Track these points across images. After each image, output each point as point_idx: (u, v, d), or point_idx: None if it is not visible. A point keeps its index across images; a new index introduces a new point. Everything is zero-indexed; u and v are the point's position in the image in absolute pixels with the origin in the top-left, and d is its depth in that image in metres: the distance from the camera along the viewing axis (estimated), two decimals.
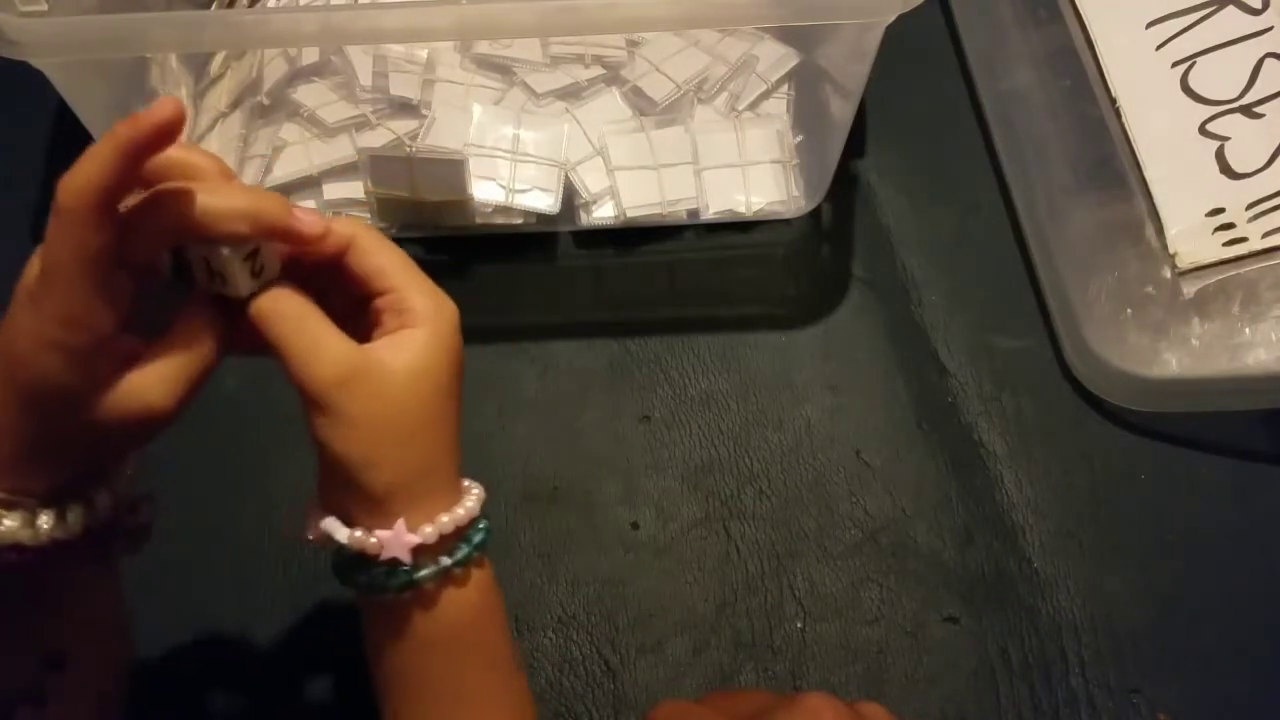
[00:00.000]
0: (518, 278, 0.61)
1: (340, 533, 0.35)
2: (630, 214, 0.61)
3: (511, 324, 0.60)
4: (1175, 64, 0.56)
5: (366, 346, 0.35)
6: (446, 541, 0.36)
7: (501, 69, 0.63)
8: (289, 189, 0.61)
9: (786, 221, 0.64)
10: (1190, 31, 0.56)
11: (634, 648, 0.52)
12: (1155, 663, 0.52)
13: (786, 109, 0.65)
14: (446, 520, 0.35)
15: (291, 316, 0.34)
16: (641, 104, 0.63)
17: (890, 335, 0.60)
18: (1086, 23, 0.58)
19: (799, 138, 0.64)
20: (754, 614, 0.53)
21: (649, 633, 0.52)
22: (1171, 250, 0.58)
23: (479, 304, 0.60)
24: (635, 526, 0.55)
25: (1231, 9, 0.56)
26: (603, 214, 0.62)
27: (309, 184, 0.61)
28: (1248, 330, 0.58)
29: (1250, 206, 0.58)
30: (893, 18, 0.49)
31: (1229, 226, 0.58)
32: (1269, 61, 0.56)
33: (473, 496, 0.37)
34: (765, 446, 0.57)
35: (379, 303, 0.36)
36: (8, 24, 0.45)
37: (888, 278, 0.62)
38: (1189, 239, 0.58)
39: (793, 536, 0.55)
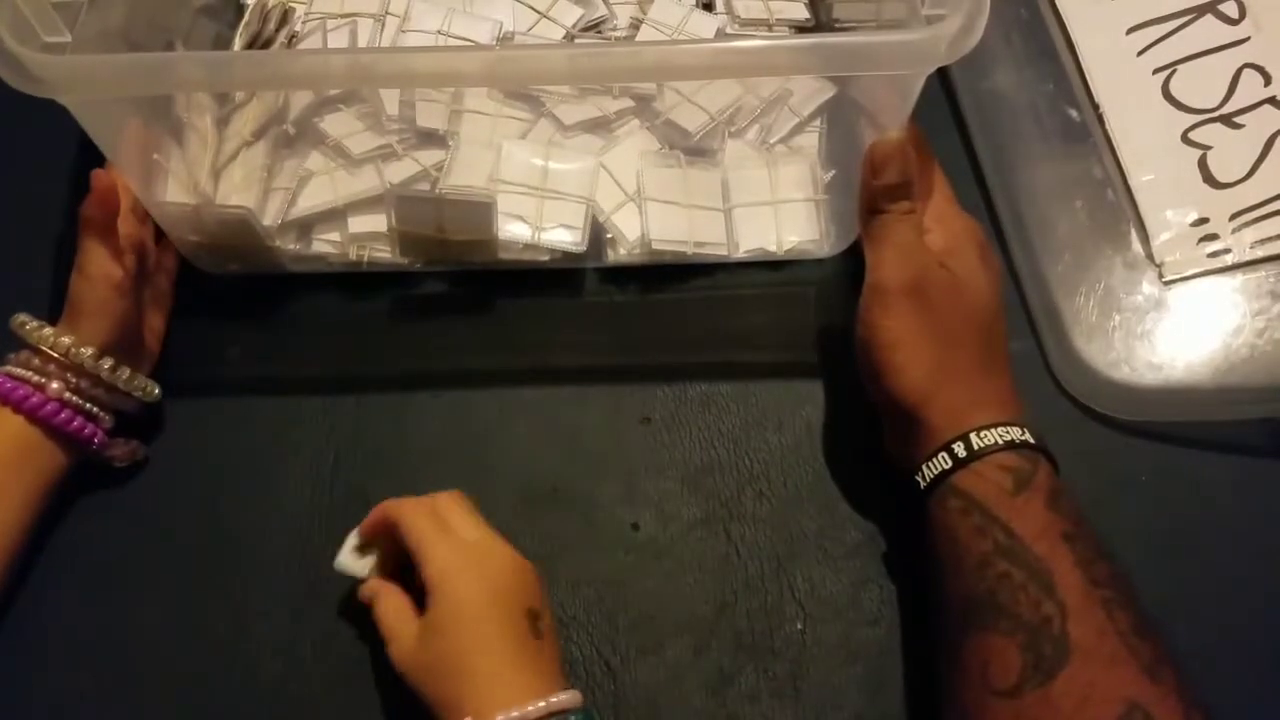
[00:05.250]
0: (542, 313, 0.61)
1: None
2: (657, 248, 0.60)
3: (531, 364, 0.60)
4: (1156, 70, 0.58)
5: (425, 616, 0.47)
6: None
7: (530, 100, 0.63)
8: (313, 221, 0.60)
9: (818, 260, 0.63)
10: (1170, 39, 0.58)
11: (634, 648, 0.52)
12: None
13: (819, 143, 0.64)
14: (516, 713, 0.43)
15: (384, 603, 0.48)
16: (673, 136, 0.63)
17: None
18: (1068, 25, 0.59)
19: (830, 173, 0.63)
20: (754, 615, 0.53)
21: (649, 634, 0.52)
22: (1157, 260, 0.60)
23: (500, 339, 0.60)
24: (635, 528, 0.55)
25: (1209, 18, 0.58)
26: (629, 251, 0.61)
27: (334, 215, 0.60)
28: (1233, 340, 0.59)
29: (1234, 217, 0.59)
30: (933, 69, 0.48)
31: (1213, 237, 0.59)
32: (1247, 72, 0.58)
33: (561, 697, 0.44)
34: (765, 448, 0.57)
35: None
36: (32, 61, 0.45)
37: None
38: (1174, 248, 0.59)
39: (793, 538, 0.55)
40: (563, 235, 0.59)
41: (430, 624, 0.46)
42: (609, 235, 0.61)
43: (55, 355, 0.51)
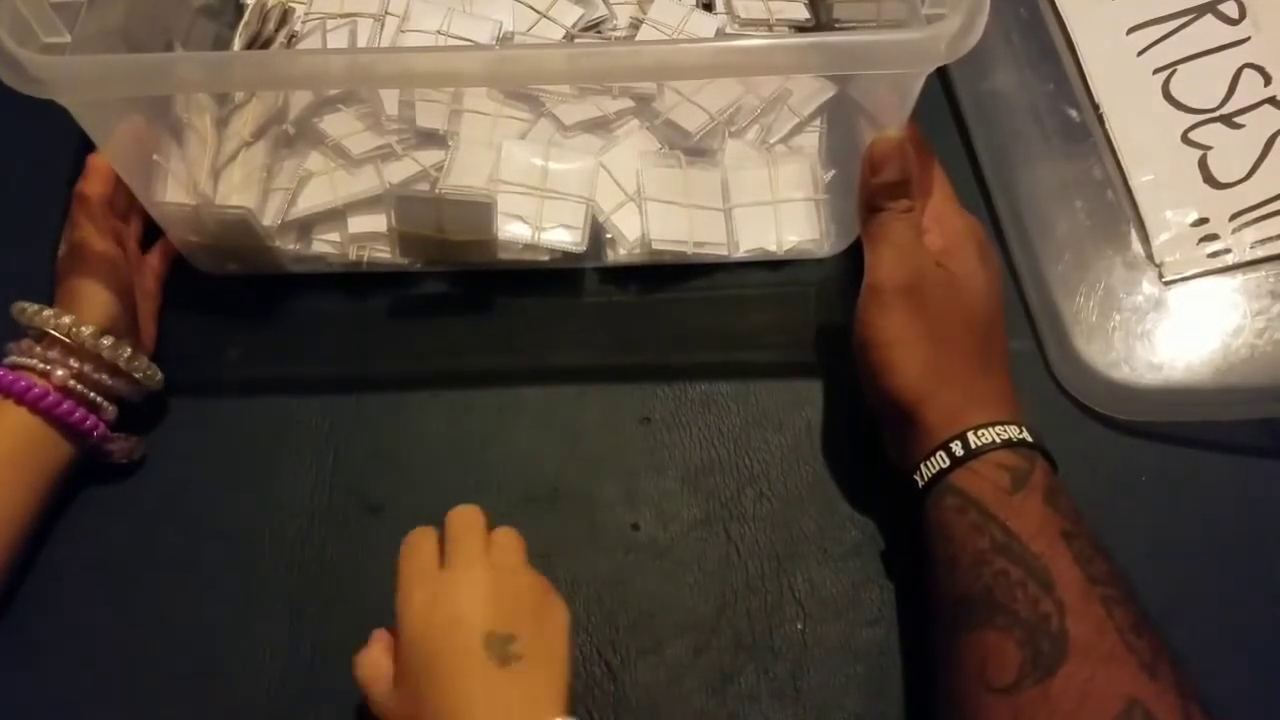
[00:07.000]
0: (542, 313, 0.61)
1: None
2: (657, 248, 0.60)
3: (531, 364, 0.59)
4: (1156, 70, 0.58)
5: None
6: None
7: (530, 100, 0.63)
8: (313, 221, 0.60)
9: (818, 260, 0.63)
10: (1170, 39, 0.58)
11: (634, 649, 0.52)
12: None
13: (819, 143, 0.64)
14: None
15: (363, 652, 0.46)
16: (673, 136, 0.62)
17: None
18: (1068, 25, 0.59)
19: (830, 173, 0.63)
20: (754, 615, 0.53)
21: (649, 634, 0.52)
22: (1157, 260, 0.60)
23: (500, 339, 0.60)
24: (635, 528, 0.55)
25: (1210, 18, 0.58)
26: (629, 251, 0.61)
27: (334, 216, 0.60)
28: (1233, 341, 0.59)
29: (1234, 217, 0.59)
30: (933, 68, 0.48)
31: (1214, 237, 0.59)
32: (1247, 72, 0.58)
33: None
34: (765, 448, 0.57)
35: None
36: (31, 61, 0.45)
37: None
38: (1174, 248, 0.59)
39: (793, 538, 0.55)
40: (563, 235, 0.59)
41: (397, 669, 0.44)
42: (609, 235, 0.61)
43: (59, 337, 0.51)
